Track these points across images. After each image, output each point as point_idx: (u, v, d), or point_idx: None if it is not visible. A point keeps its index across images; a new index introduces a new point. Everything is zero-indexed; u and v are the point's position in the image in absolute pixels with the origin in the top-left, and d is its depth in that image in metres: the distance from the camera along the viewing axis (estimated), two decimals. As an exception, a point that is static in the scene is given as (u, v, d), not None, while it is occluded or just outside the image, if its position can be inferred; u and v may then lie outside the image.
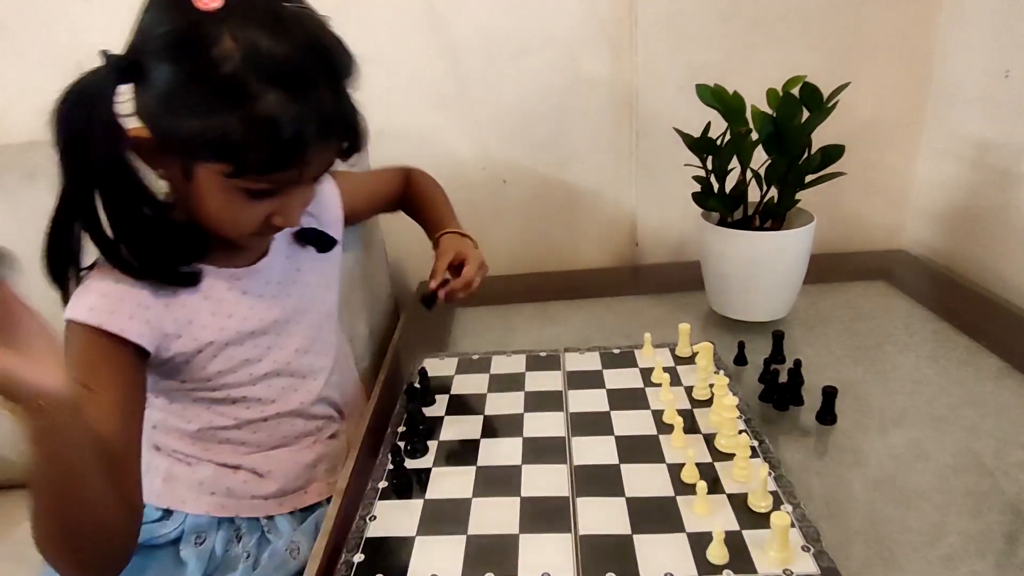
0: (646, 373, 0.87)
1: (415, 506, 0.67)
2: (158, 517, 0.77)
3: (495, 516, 0.65)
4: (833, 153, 0.90)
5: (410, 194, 1.07)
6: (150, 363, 0.70)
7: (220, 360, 0.74)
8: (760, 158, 0.93)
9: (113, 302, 0.66)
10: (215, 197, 0.64)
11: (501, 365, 0.93)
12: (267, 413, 0.79)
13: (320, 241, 0.85)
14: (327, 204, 0.90)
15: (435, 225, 0.99)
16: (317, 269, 0.85)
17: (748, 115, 0.91)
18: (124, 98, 0.62)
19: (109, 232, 0.65)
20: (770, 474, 0.66)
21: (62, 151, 0.61)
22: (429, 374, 0.87)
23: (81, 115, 0.60)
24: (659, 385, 0.83)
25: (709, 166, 0.95)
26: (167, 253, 0.69)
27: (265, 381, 0.78)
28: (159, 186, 0.68)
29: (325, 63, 0.63)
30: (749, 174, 0.94)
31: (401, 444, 0.75)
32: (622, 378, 0.87)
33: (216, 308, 0.73)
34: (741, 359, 0.89)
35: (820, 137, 0.89)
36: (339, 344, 0.92)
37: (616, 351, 0.94)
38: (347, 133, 0.68)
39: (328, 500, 0.83)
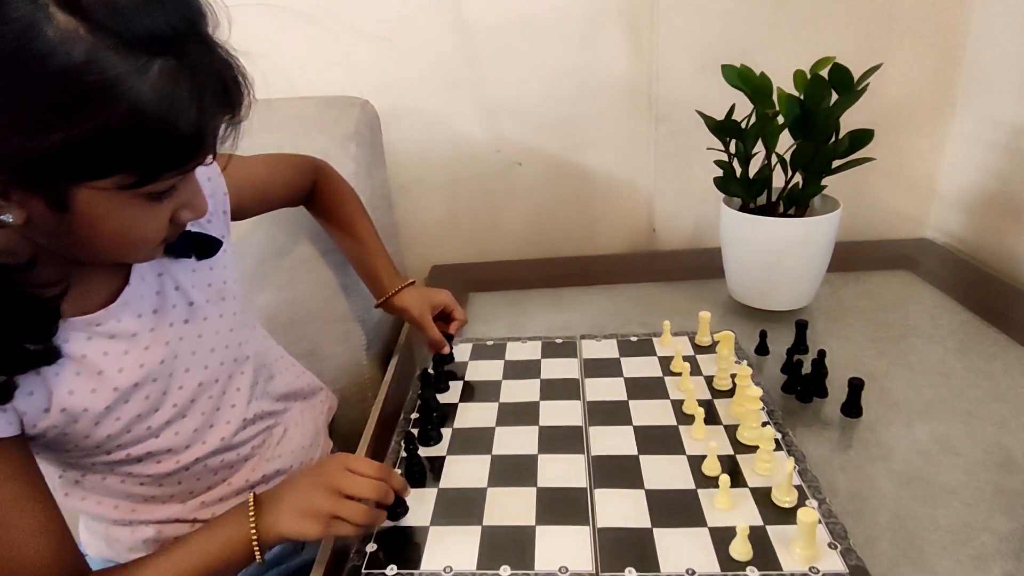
0: (665, 362, 0.85)
1: (429, 495, 0.65)
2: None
3: (511, 507, 0.63)
4: (862, 137, 0.87)
5: (325, 205, 0.95)
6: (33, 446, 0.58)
7: (105, 426, 0.60)
8: (785, 143, 0.90)
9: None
10: (110, 218, 0.51)
11: (516, 351, 0.91)
12: (185, 461, 0.67)
13: (198, 246, 0.68)
14: (216, 194, 0.74)
15: (376, 275, 0.94)
16: (202, 279, 0.69)
17: (774, 97, 0.88)
18: None
19: None
20: (794, 468, 0.64)
21: None
22: (443, 360, 0.86)
23: None
24: (679, 374, 0.81)
25: (732, 150, 0.93)
26: (13, 331, 0.53)
27: (169, 429, 0.65)
28: None
29: (185, 12, 0.48)
30: (774, 159, 0.91)
31: (414, 431, 0.74)
32: (640, 366, 0.85)
33: (80, 367, 0.58)
34: (763, 349, 0.87)
35: (846, 121, 0.86)
36: (262, 349, 0.79)
37: (634, 339, 0.92)
38: (239, 90, 0.53)
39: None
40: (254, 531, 0.57)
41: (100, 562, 0.71)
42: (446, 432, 0.75)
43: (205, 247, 0.69)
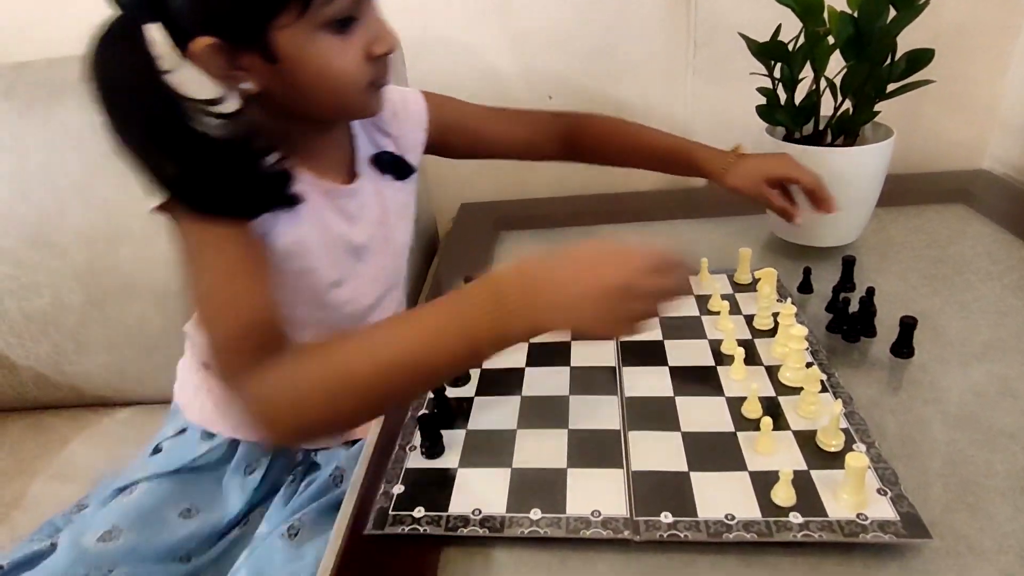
0: (702, 301, 0.82)
1: (457, 437, 0.64)
2: (201, 434, 0.77)
3: (541, 449, 0.61)
4: (921, 58, 0.79)
5: (598, 134, 0.93)
6: None
7: (304, 273, 0.69)
8: (834, 67, 0.83)
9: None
10: (311, 57, 0.58)
11: (546, 291, 0.88)
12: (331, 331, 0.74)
13: (397, 167, 0.78)
14: (410, 124, 0.82)
15: (696, 164, 0.86)
16: (396, 198, 0.79)
17: (825, 15, 0.81)
18: (161, 40, 0.57)
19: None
20: (842, 410, 0.61)
21: (105, 105, 0.56)
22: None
23: (115, 62, 0.55)
24: (717, 313, 0.77)
25: (777, 75, 0.86)
26: (253, 187, 0.62)
27: (343, 308, 0.74)
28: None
29: None
30: (823, 83, 0.84)
31: (442, 372, 0.72)
32: (676, 305, 0.81)
33: (311, 213, 0.67)
34: (806, 287, 0.83)
35: (902, 41, 0.79)
36: (404, 281, 0.87)
37: (669, 277, 0.88)
38: None
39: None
40: (495, 322, 0.51)
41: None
42: (474, 373, 0.73)
43: (403, 170, 0.79)
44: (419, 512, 0.56)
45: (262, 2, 0.55)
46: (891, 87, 0.82)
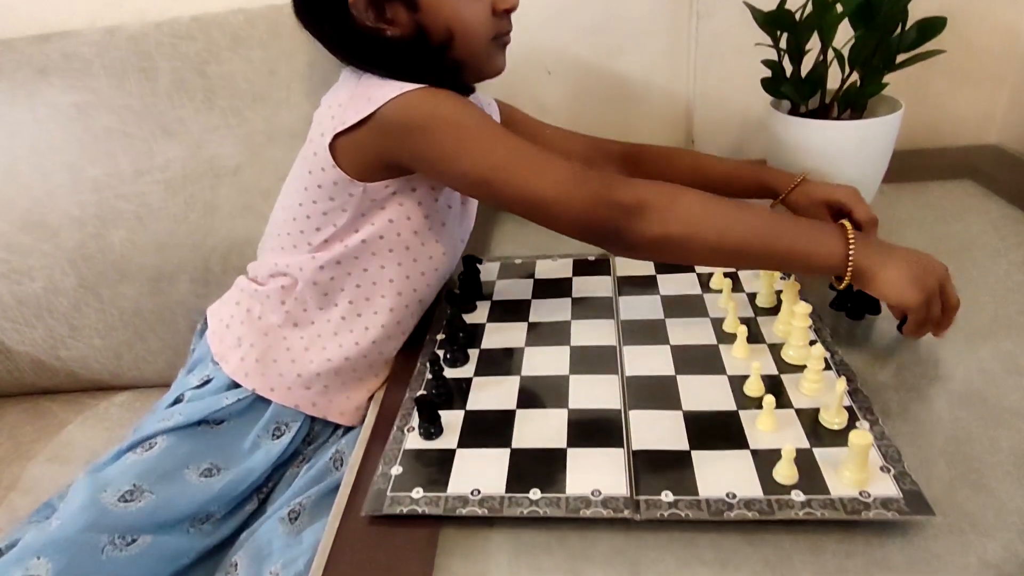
0: (704, 279, 0.80)
1: (455, 418, 0.63)
2: (227, 386, 0.75)
3: (541, 429, 0.60)
4: (932, 27, 0.77)
5: (659, 158, 0.92)
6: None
7: (425, 205, 0.73)
8: (842, 37, 0.81)
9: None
10: (444, 5, 0.67)
11: (546, 269, 0.87)
12: (426, 280, 0.78)
13: None
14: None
15: (762, 185, 0.83)
16: None
17: (832, -17, 0.79)
18: None
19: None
20: (846, 388, 0.60)
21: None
22: (469, 279, 0.82)
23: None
24: (719, 291, 0.76)
25: (783, 45, 0.84)
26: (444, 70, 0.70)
27: (442, 242, 0.77)
28: None
29: None
30: (830, 54, 0.82)
31: (440, 352, 0.71)
32: (678, 284, 0.80)
33: None
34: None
35: (913, 10, 0.77)
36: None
37: (670, 255, 0.87)
38: None
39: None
40: (851, 256, 0.61)
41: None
42: (473, 353, 0.72)
43: None
44: (417, 493, 0.55)
45: None
46: (901, 57, 0.79)
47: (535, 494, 0.54)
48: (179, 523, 0.67)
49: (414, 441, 0.61)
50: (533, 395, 0.65)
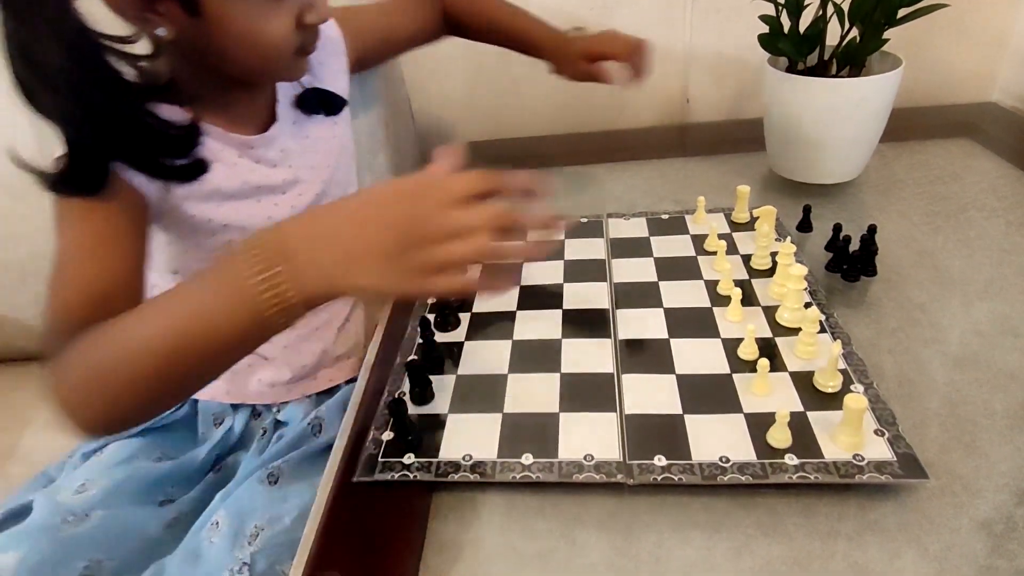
0: (698, 240, 0.79)
1: (447, 382, 0.62)
2: None
3: (533, 393, 0.60)
4: (935, -20, 0.75)
5: (465, 11, 0.89)
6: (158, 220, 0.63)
7: (226, 209, 0.66)
8: (843, -10, 0.79)
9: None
10: (235, 17, 0.55)
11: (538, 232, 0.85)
12: None
13: (326, 103, 0.75)
14: (328, 56, 0.78)
15: (533, 45, 0.83)
16: (328, 134, 0.76)
17: (833, -65, 0.76)
18: None
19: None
20: (841, 351, 0.59)
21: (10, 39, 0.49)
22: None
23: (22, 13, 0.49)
24: (713, 253, 0.75)
25: (781, 0, 0.82)
26: (155, 148, 0.58)
27: None
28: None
29: None
30: (830, 8, 0.80)
31: (430, 316, 0.70)
32: (671, 246, 0.79)
33: (225, 171, 0.66)
34: (806, 225, 0.80)
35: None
36: None
37: (664, 216, 0.85)
38: None
39: (350, 381, 0.80)
40: (266, 285, 0.43)
41: None
42: (464, 317, 0.71)
43: (332, 105, 0.75)
44: (409, 458, 0.55)
45: None
46: (902, 12, 0.77)
47: (527, 459, 0.53)
48: (134, 498, 0.67)
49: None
50: (525, 359, 0.64)
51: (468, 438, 0.56)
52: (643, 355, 0.63)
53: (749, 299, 0.68)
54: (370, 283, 0.45)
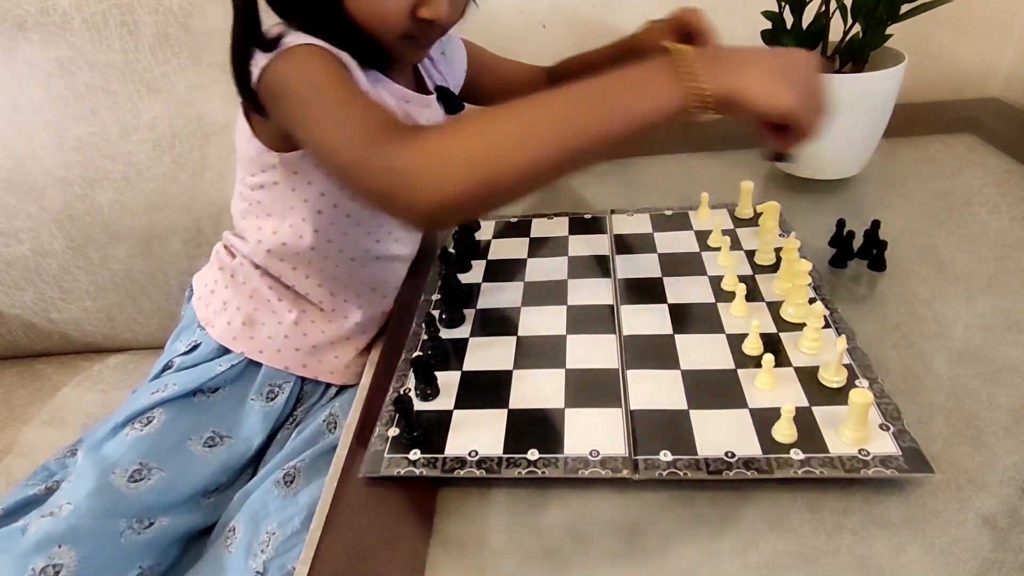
0: (702, 236, 0.79)
1: (452, 379, 0.62)
2: (216, 354, 0.74)
3: (538, 389, 0.60)
4: (938, -25, 0.75)
5: (567, 71, 0.91)
6: None
7: None
8: (846, -14, 0.79)
9: (340, 53, 0.62)
10: None
11: (542, 228, 0.86)
12: (379, 251, 0.78)
13: (450, 103, 0.80)
14: (455, 65, 0.85)
15: (617, 54, 0.84)
16: None
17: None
18: None
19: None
20: (845, 346, 0.59)
21: None
22: (464, 238, 0.81)
23: None
24: (717, 249, 0.75)
25: (784, -4, 0.82)
26: (355, 35, 0.63)
27: (386, 224, 0.76)
28: None
29: None
30: (833, 4, 0.80)
31: (436, 313, 0.70)
32: (675, 242, 0.79)
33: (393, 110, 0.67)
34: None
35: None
36: None
37: (668, 212, 0.86)
38: None
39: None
40: (695, 81, 0.49)
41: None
42: (469, 313, 0.71)
43: (454, 106, 0.80)
44: (415, 454, 0.55)
45: None
46: (905, 8, 0.77)
47: (533, 455, 0.53)
48: (191, 498, 0.67)
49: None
50: (530, 355, 0.64)
51: (474, 434, 0.56)
52: (648, 351, 0.63)
53: (753, 295, 0.68)
54: (769, 91, 0.50)
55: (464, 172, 0.49)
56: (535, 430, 0.56)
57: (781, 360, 0.60)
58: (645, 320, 0.67)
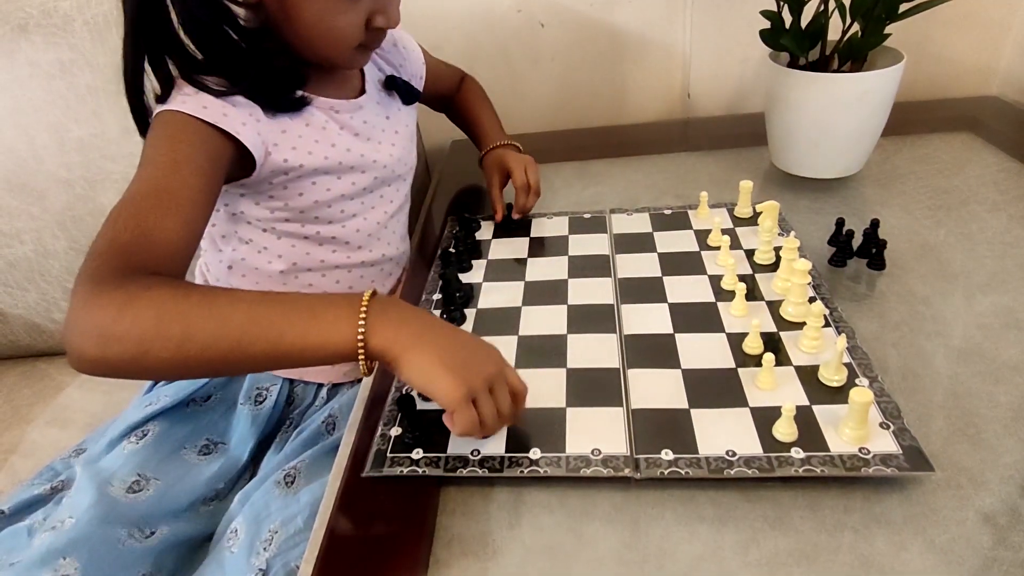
0: (702, 236, 0.80)
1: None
2: None
3: (540, 388, 0.60)
4: (936, -26, 0.75)
5: (460, 101, 1.01)
6: (248, 182, 0.67)
7: (318, 189, 0.72)
8: (845, -15, 0.79)
9: (226, 107, 0.62)
10: (312, 3, 0.62)
11: (542, 228, 0.86)
12: (353, 260, 0.78)
13: (405, 92, 0.83)
14: (412, 59, 0.88)
15: (480, 142, 0.96)
16: (402, 121, 0.83)
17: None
18: None
19: (198, 55, 0.63)
20: (844, 345, 0.60)
21: None
22: (465, 238, 0.81)
23: None
24: (717, 248, 0.75)
25: (783, -4, 0.82)
26: (267, 78, 0.65)
27: (354, 223, 0.77)
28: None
29: None
30: (831, 4, 0.80)
31: (437, 313, 0.70)
32: (675, 241, 0.79)
33: (319, 136, 0.71)
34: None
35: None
36: (407, 207, 0.89)
37: (667, 212, 0.86)
38: None
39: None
40: (361, 339, 0.49)
41: None
42: (469, 313, 0.71)
43: (410, 95, 0.84)
44: (417, 453, 0.55)
45: None
46: (904, 7, 0.77)
47: (535, 454, 0.54)
48: (190, 506, 0.67)
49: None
50: (531, 354, 0.64)
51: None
52: (649, 350, 0.63)
53: (753, 294, 0.69)
54: (434, 379, 0.50)
55: (111, 345, 0.48)
56: (537, 429, 0.56)
57: (781, 359, 0.60)
58: (646, 319, 0.67)
